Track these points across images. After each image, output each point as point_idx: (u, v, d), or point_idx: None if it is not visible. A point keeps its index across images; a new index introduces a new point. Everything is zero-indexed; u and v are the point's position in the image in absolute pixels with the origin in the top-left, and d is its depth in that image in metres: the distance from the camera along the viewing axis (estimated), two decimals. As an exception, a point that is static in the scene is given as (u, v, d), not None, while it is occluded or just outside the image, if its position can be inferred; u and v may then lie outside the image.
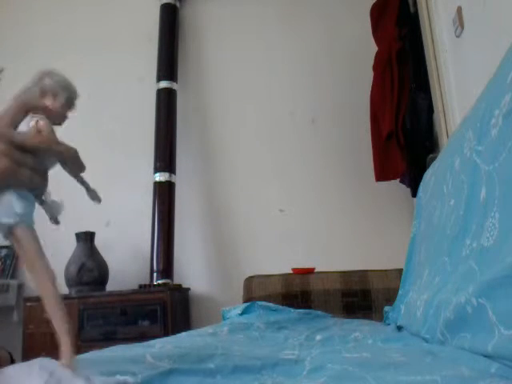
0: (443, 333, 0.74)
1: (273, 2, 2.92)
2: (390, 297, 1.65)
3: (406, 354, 0.72)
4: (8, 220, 0.52)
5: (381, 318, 1.49)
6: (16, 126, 0.55)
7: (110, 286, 2.49)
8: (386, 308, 1.41)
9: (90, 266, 2.42)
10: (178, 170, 2.71)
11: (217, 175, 2.82)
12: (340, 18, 2.81)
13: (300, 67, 2.83)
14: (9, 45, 3.08)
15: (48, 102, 0.58)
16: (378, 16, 2.37)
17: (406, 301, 1.16)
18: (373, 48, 2.38)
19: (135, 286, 2.43)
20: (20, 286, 2.76)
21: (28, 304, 2.38)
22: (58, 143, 0.55)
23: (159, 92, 2.78)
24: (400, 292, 1.31)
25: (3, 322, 2.68)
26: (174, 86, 2.81)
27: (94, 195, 0.62)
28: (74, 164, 0.56)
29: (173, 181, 2.66)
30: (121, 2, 3.07)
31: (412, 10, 2.21)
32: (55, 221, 0.59)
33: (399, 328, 1.13)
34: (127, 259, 2.68)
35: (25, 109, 0.56)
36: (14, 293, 2.70)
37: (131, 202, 2.73)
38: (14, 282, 2.73)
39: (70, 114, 0.60)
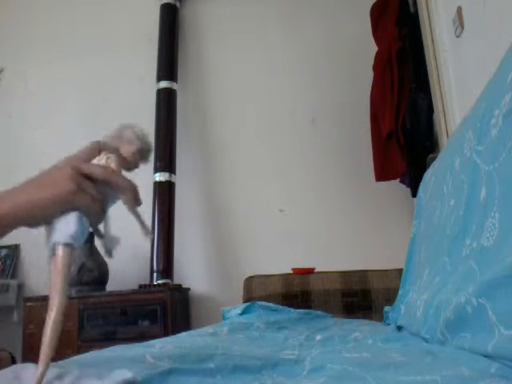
0: (443, 333, 0.74)
1: (273, 2, 2.92)
2: (390, 297, 1.65)
3: (406, 354, 0.72)
4: (60, 239, 0.54)
5: (381, 317, 1.49)
6: (89, 161, 0.59)
7: (110, 286, 2.49)
8: (386, 308, 1.41)
9: (89, 266, 2.42)
10: (178, 170, 2.71)
11: (217, 175, 2.81)
12: (340, 18, 2.81)
13: (300, 67, 2.83)
14: (9, 45, 3.08)
15: (122, 147, 0.62)
16: (378, 16, 2.37)
17: (406, 301, 1.16)
18: (373, 48, 2.38)
19: (135, 286, 2.43)
20: (20, 286, 2.76)
21: (28, 304, 2.39)
22: (121, 177, 0.59)
23: (159, 92, 2.78)
24: (400, 292, 1.31)
25: (3, 322, 2.68)
26: (174, 85, 2.81)
27: (147, 231, 0.66)
28: (132, 198, 0.60)
29: (173, 181, 2.66)
30: (121, 2, 3.07)
31: (412, 9, 2.21)
32: (110, 254, 0.63)
33: (399, 328, 1.13)
34: (127, 259, 2.68)
35: (99, 147, 0.61)
36: (14, 293, 2.70)
37: (131, 202, 2.72)
38: (13, 282, 2.73)
39: (140, 165, 0.65)
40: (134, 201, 0.60)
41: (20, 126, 2.98)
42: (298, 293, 1.86)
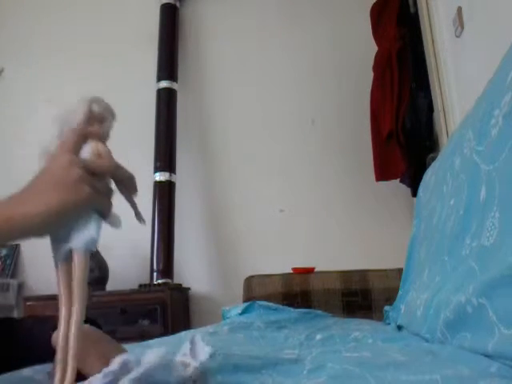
0: (443, 332, 0.74)
1: (273, 2, 2.92)
2: (390, 297, 1.65)
3: (406, 354, 0.72)
4: (79, 246, 0.52)
5: (381, 317, 1.49)
6: (78, 151, 0.55)
7: (110, 286, 2.49)
8: (386, 307, 1.42)
9: (90, 266, 2.42)
10: (178, 170, 2.71)
11: (217, 175, 2.81)
12: (340, 18, 2.80)
13: (300, 67, 2.83)
14: (9, 45, 3.07)
15: (95, 127, 0.57)
16: (378, 16, 2.37)
17: (406, 300, 1.16)
18: (373, 48, 2.38)
19: (135, 286, 2.43)
20: (20, 286, 2.76)
21: (28, 303, 2.38)
22: (120, 167, 0.57)
23: (159, 92, 2.78)
24: (400, 292, 1.31)
25: (3, 321, 2.68)
26: (174, 85, 2.81)
27: (140, 218, 0.64)
28: (129, 187, 0.58)
29: (173, 180, 2.66)
30: (121, 2, 3.07)
31: (412, 9, 2.21)
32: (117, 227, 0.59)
33: (399, 327, 1.13)
34: (127, 259, 2.68)
35: (83, 133, 0.56)
36: (14, 292, 2.70)
37: (131, 201, 2.72)
38: (14, 282, 2.73)
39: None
40: (131, 189, 0.59)
41: (20, 126, 2.98)
42: (298, 292, 1.87)
